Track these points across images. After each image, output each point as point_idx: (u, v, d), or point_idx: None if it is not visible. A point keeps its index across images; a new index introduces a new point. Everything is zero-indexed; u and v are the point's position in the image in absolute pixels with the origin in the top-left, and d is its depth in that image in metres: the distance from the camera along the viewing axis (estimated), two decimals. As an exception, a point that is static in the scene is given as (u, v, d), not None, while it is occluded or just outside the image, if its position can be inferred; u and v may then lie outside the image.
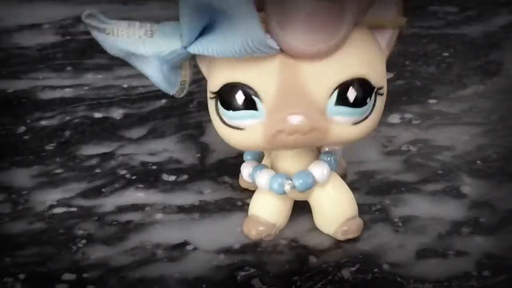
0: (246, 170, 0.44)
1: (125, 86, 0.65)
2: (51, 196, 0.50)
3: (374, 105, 0.37)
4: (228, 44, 0.34)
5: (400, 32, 0.38)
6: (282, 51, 0.35)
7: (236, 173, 0.51)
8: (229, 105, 0.37)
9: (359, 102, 0.36)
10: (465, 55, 0.69)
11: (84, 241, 0.46)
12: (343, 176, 0.50)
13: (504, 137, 0.56)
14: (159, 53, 0.36)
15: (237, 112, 0.37)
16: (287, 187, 0.42)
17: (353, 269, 0.43)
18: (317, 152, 0.43)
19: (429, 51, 0.71)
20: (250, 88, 0.36)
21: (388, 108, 0.59)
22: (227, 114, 0.37)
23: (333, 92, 0.36)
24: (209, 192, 0.50)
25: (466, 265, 0.43)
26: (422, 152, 0.54)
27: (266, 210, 0.45)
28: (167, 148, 0.56)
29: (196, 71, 0.40)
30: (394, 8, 0.36)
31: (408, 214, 0.47)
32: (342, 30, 0.35)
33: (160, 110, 0.61)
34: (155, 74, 0.38)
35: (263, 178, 0.42)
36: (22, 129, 0.59)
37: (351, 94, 0.36)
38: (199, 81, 0.39)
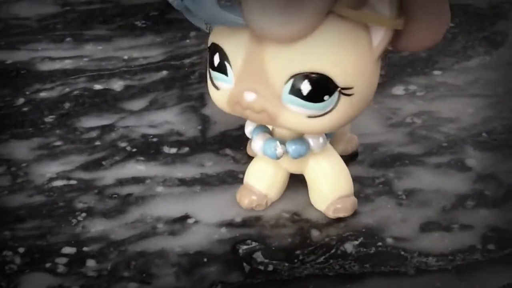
0: (249, 127, 0.44)
1: (126, 57, 0.64)
2: (51, 168, 0.50)
3: (336, 104, 0.36)
4: (202, 8, 0.35)
5: (395, 37, 0.37)
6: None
7: (237, 145, 0.50)
8: (211, 63, 0.38)
9: (313, 97, 0.36)
10: (470, 26, 0.69)
11: (84, 214, 0.45)
12: (355, 153, 0.50)
13: (510, 109, 0.55)
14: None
15: (215, 72, 0.38)
16: (279, 151, 0.41)
17: (356, 242, 0.42)
18: None
19: (434, 21, 0.70)
20: (223, 53, 0.37)
21: (392, 80, 0.59)
22: (211, 71, 0.39)
23: (288, 80, 0.36)
24: (210, 165, 0.50)
25: (470, 238, 0.42)
26: (427, 124, 0.53)
27: (260, 180, 0.45)
28: (168, 120, 0.55)
29: (196, 42, 0.40)
30: (388, 5, 0.35)
31: (412, 187, 0.47)
32: (310, 17, 0.34)
33: (161, 82, 0.61)
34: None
35: (258, 142, 0.42)
36: (21, 101, 0.58)
37: (305, 87, 0.36)
38: (201, 52, 0.39)
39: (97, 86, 0.60)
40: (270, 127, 0.44)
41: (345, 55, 0.36)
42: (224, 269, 0.41)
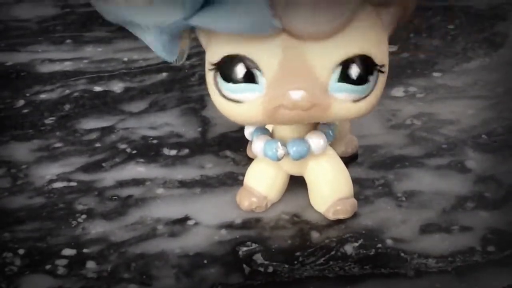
0: (249, 129, 0.44)
1: (126, 59, 0.64)
2: (51, 170, 0.50)
3: (375, 83, 0.37)
4: (231, 20, 0.33)
5: (407, 12, 0.37)
6: (285, 30, 0.35)
7: (237, 147, 0.50)
8: (229, 77, 0.37)
9: (361, 79, 0.36)
10: (470, 27, 0.69)
11: (84, 216, 0.45)
12: (355, 155, 0.50)
13: (510, 110, 0.55)
14: (158, 24, 0.35)
15: (237, 85, 0.36)
16: (280, 152, 0.41)
17: (356, 244, 0.42)
18: (316, 123, 0.43)
19: (434, 23, 0.70)
20: (251, 61, 0.36)
21: (392, 81, 0.59)
22: (226, 86, 0.37)
23: (335, 68, 0.36)
24: (210, 167, 0.50)
25: (470, 240, 0.42)
26: (426, 126, 0.53)
27: (260, 182, 0.45)
28: (168, 122, 0.55)
29: (197, 44, 0.39)
30: None
31: (412, 188, 0.47)
32: (346, 12, 0.34)
33: (161, 84, 0.61)
34: (154, 43, 0.37)
35: (259, 144, 0.42)
36: (21, 102, 0.58)
37: (354, 71, 0.36)
38: (200, 54, 0.39)
39: (97, 88, 0.60)
40: (270, 129, 0.44)
41: (376, 35, 0.37)
42: (224, 270, 0.41)
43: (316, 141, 0.41)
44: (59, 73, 0.63)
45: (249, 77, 0.36)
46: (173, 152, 0.51)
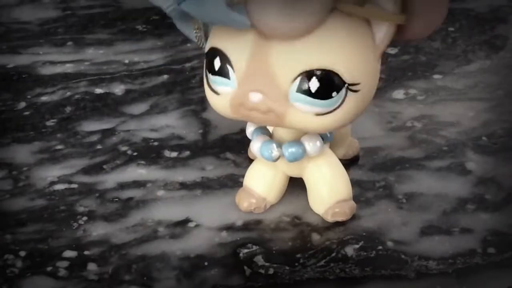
0: (250, 128, 0.44)
1: (127, 61, 0.65)
2: (52, 172, 0.50)
3: (343, 100, 0.36)
4: (208, 10, 0.35)
5: (412, 32, 0.37)
6: (254, 27, 0.35)
7: (238, 149, 0.50)
8: (210, 68, 0.38)
9: (321, 94, 0.36)
10: (470, 30, 0.69)
11: (85, 218, 0.45)
12: (356, 158, 0.50)
13: (510, 112, 0.55)
14: (162, 7, 0.37)
15: (215, 76, 0.38)
16: (275, 154, 0.41)
17: (357, 246, 0.42)
18: None
19: (434, 25, 0.70)
20: (225, 56, 0.37)
21: (393, 84, 0.59)
22: (209, 76, 0.39)
23: (296, 78, 0.36)
24: (211, 169, 0.50)
25: (471, 242, 0.42)
26: (427, 128, 0.53)
27: (259, 183, 0.45)
28: (169, 124, 0.55)
29: (197, 46, 0.40)
30: (391, 1, 0.35)
31: (413, 190, 0.47)
32: (313, 11, 0.34)
33: (162, 86, 0.61)
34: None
35: (256, 144, 0.42)
36: (23, 104, 0.58)
37: (313, 84, 0.36)
38: (201, 56, 0.39)
39: (98, 90, 0.60)
40: (270, 129, 0.44)
41: (351, 51, 0.36)
42: (225, 272, 0.41)
43: (312, 143, 0.41)
44: (60, 75, 0.63)
45: (223, 71, 0.37)
46: (174, 154, 0.51)
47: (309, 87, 0.36)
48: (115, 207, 0.46)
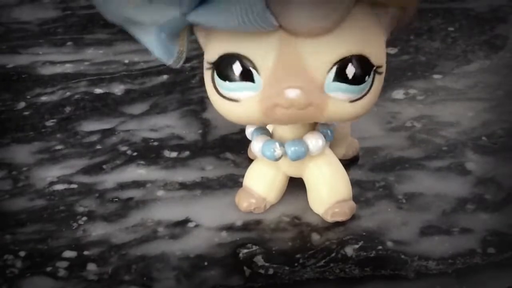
0: (250, 129, 0.44)
1: (126, 61, 0.65)
2: (52, 172, 0.50)
3: (372, 83, 0.37)
4: (228, 16, 0.33)
5: (407, 14, 0.37)
6: (281, 27, 0.35)
7: (238, 149, 0.50)
8: (226, 76, 0.37)
9: (357, 79, 0.36)
10: (470, 30, 0.69)
11: (84, 218, 0.45)
12: (355, 158, 0.50)
13: (510, 112, 0.55)
14: (157, 20, 0.36)
15: (234, 83, 0.37)
16: (278, 152, 0.41)
17: (357, 246, 0.42)
18: (315, 123, 0.43)
19: (434, 25, 0.70)
20: (248, 59, 0.36)
21: (392, 84, 0.59)
22: (223, 85, 0.37)
23: (331, 67, 0.36)
24: (211, 169, 0.50)
25: (470, 242, 0.42)
26: (427, 128, 0.53)
27: (259, 183, 0.45)
28: (168, 124, 0.55)
29: (197, 46, 0.40)
30: None
31: (412, 190, 0.47)
32: (341, 8, 0.34)
33: (162, 86, 0.61)
34: (153, 43, 0.37)
35: (257, 143, 0.42)
36: (22, 105, 0.58)
37: (350, 70, 0.36)
38: (200, 56, 0.39)
39: (98, 90, 0.60)
40: (270, 129, 0.44)
41: (373, 35, 0.37)
42: (225, 272, 0.41)
43: (315, 141, 0.41)
44: (60, 75, 0.63)
45: (246, 76, 0.36)
46: (174, 154, 0.51)
47: (346, 74, 0.36)
48: (114, 207, 0.46)
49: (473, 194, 0.46)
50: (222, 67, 0.37)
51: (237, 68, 0.36)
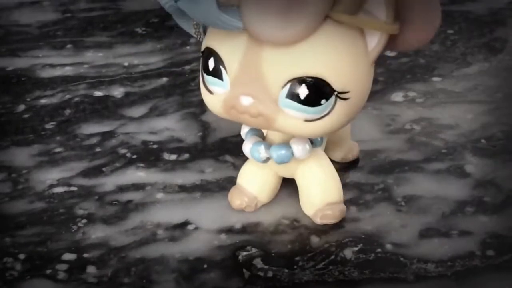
0: (245, 129, 0.44)
1: (126, 64, 0.65)
2: (51, 175, 0.50)
3: (332, 108, 0.36)
4: (200, 10, 0.35)
5: (414, 39, 0.37)
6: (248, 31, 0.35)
7: (237, 151, 0.50)
8: (205, 68, 0.38)
9: (310, 102, 0.36)
10: (469, 33, 0.69)
11: (84, 220, 0.45)
12: (355, 161, 0.50)
13: (509, 115, 0.55)
14: (161, 4, 0.37)
15: (209, 77, 0.38)
16: (263, 155, 0.42)
17: (356, 249, 0.42)
18: None
19: (433, 28, 0.70)
20: (219, 57, 0.37)
21: (392, 86, 0.59)
22: (204, 76, 0.39)
23: (285, 84, 0.36)
24: (210, 171, 0.50)
25: (470, 244, 0.42)
26: (426, 130, 0.53)
27: (251, 182, 0.45)
28: (168, 127, 0.55)
29: (197, 49, 0.40)
30: (384, 10, 0.35)
31: (412, 193, 0.47)
32: (306, 19, 0.34)
33: (162, 89, 0.61)
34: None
35: (247, 145, 0.42)
36: (22, 107, 0.58)
37: (302, 91, 0.36)
38: (200, 59, 0.39)
39: (98, 93, 0.60)
40: (264, 131, 0.44)
41: (342, 59, 0.36)
42: (224, 275, 0.41)
43: (301, 146, 0.41)
44: (60, 78, 0.63)
45: (217, 72, 0.37)
46: (173, 157, 0.51)
47: (298, 94, 0.36)
48: (114, 209, 0.46)
49: (472, 197, 0.46)
50: (204, 58, 0.38)
51: (211, 62, 0.38)
